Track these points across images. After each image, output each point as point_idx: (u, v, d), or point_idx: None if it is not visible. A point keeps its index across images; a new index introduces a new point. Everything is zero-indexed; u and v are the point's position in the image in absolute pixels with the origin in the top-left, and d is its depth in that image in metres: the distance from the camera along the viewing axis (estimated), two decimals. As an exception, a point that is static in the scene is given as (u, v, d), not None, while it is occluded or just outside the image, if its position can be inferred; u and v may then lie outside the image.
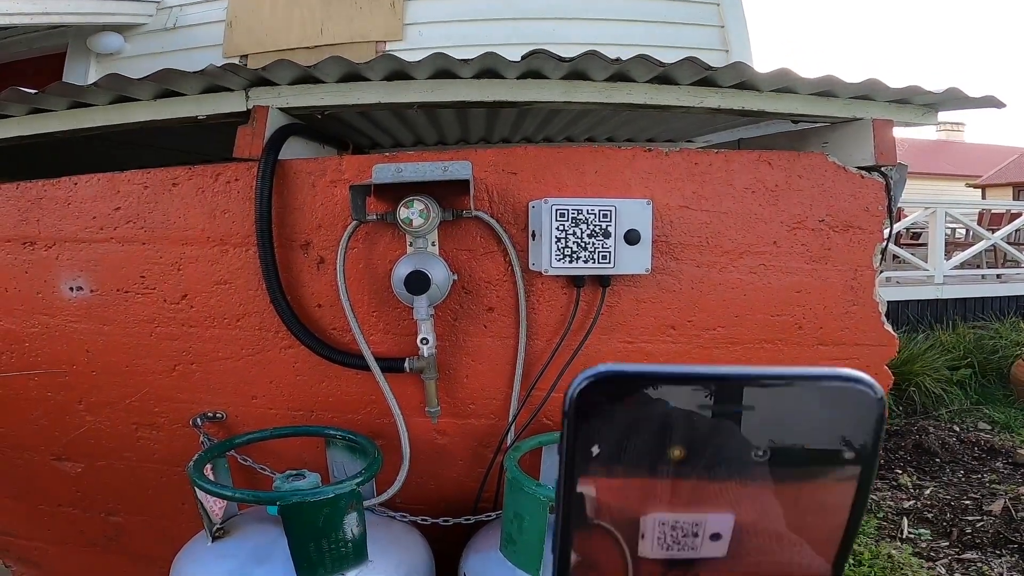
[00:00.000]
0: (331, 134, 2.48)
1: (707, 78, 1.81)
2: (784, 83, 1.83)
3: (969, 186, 21.13)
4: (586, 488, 0.24)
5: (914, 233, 8.95)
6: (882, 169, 1.87)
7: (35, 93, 1.84)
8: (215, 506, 1.58)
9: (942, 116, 2.08)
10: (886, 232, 1.89)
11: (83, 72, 4.49)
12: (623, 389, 0.23)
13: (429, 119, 2.58)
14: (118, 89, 1.82)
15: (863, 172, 1.85)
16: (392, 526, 1.78)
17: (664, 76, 1.81)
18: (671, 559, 0.24)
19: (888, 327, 1.90)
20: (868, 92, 1.85)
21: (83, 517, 2.20)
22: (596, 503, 0.23)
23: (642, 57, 1.70)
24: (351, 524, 1.46)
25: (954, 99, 1.89)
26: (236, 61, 4.29)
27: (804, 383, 0.22)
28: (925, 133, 26.45)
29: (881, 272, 1.94)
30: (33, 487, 2.21)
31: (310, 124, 2.09)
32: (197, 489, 1.50)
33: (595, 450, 0.24)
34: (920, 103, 1.94)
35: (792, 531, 0.23)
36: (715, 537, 0.24)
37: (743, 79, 1.81)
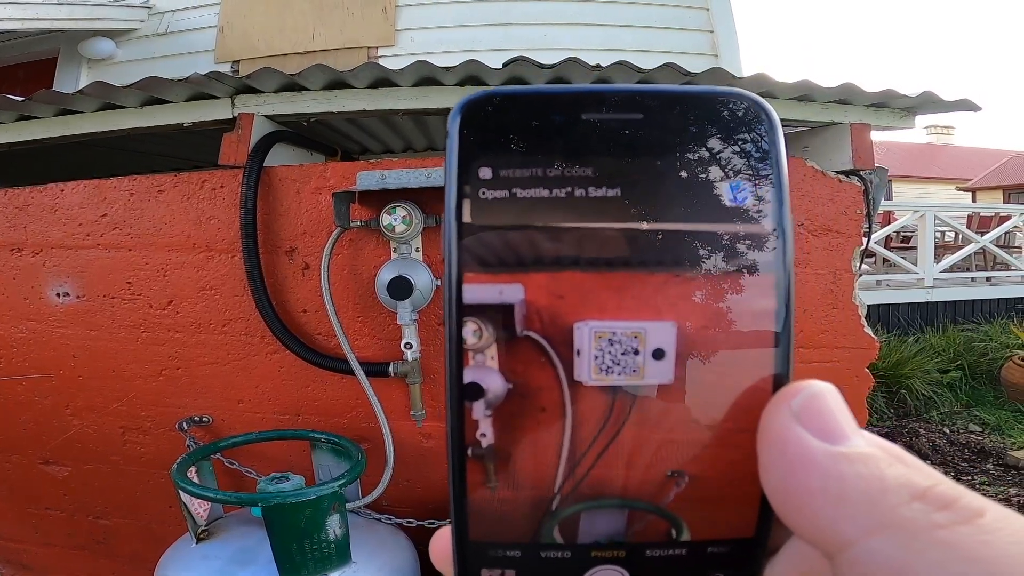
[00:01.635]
0: (320, 140, 2.50)
1: (687, 83, 1.84)
2: (763, 88, 1.86)
3: (959, 189, 21.25)
4: (478, 230, 0.20)
5: (904, 236, 9.01)
6: (860, 173, 1.90)
7: (22, 100, 1.86)
8: (199, 508, 1.59)
9: (930, 120, 2.12)
10: (865, 236, 1.92)
11: (74, 77, 4.50)
12: (512, 109, 0.20)
13: (417, 125, 2.60)
14: (105, 97, 1.84)
15: (841, 176, 1.87)
16: (377, 528, 1.80)
17: (645, 82, 1.84)
18: (612, 387, 0.20)
19: (868, 330, 1.93)
20: (845, 96, 1.88)
21: (71, 520, 2.21)
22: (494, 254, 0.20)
23: (621, 63, 1.73)
24: (334, 525, 1.47)
25: (930, 103, 1.92)
26: (228, 66, 4.31)
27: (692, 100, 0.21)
28: (915, 137, 26.60)
29: (862, 275, 1.97)
30: (21, 490, 2.21)
31: (297, 131, 2.11)
32: (181, 491, 1.51)
33: (484, 172, 0.20)
34: (897, 107, 1.97)
35: (731, 325, 0.21)
36: (658, 355, 0.20)
37: (723, 84, 1.84)
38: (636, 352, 0.20)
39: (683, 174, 0.20)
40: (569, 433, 0.21)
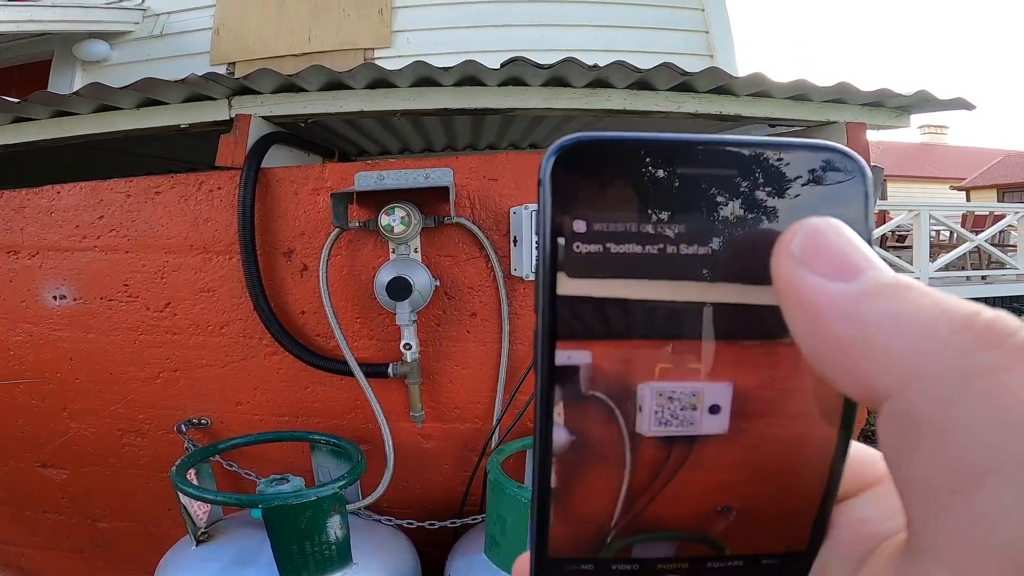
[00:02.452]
0: (317, 142, 2.50)
1: (684, 83, 1.85)
2: (759, 87, 1.87)
3: (953, 188, 21.34)
4: (568, 289, 0.20)
5: (899, 236, 9.03)
6: (857, 172, 1.91)
7: (18, 102, 1.85)
8: (199, 510, 1.59)
9: (924, 119, 2.12)
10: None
11: (69, 80, 4.49)
12: (607, 157, 0.20)
13: (415, 126, 2.60)
14: (101, 98, 1.83)
15: (838, 176, 1.88)
16: (378, 529, 1.79)
17: (642, 82, 1.84)
18: (670, 437, 0.21)
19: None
20: (840, 96, 1.89)
21: (69, 523, 2.20)
22: (582, 323, 0.20)
23: (619, 63, 1.74)
24: (334, 527, 1.47)
25: (925, 102, 1.93)
26: (223, 68, 4.30)
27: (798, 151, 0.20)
28: (909, 136, 26.74)
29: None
30: (19, 494, 2.20)
31: (294, 132, 2.11)
32: (180, 493, 1.51)
33: (579, 226, 0.20)
34: (892, 106, 1.98)
35: (793, 390, 0.20)
36: (714, 410, 0.21)
37: (719, 84, 1.85)
38: (694, 408, 0.21)
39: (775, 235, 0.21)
40: (628, 477, 0.22)
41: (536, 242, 0.20)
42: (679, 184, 0.20)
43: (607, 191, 0.20)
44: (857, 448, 0.23)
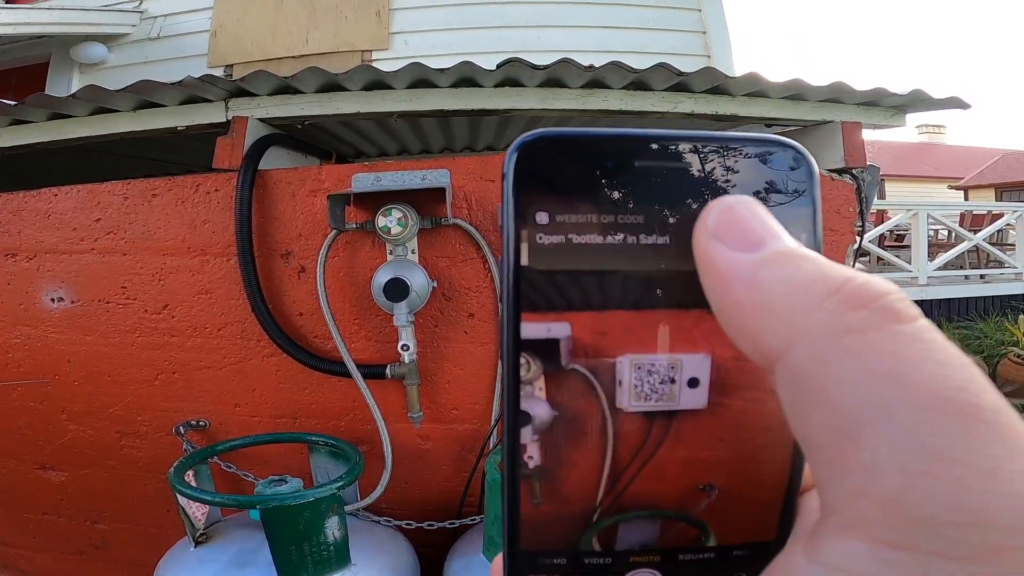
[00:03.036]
0: (314, 144, 2.51)
1: (680, 83, 1.85)
2: (755, 87, 1.87)
3: (951, 188, 21.37)
4: (535, 279, 0.21)
5: (898, 235, 9.04)
6: (853, 171, 1.91)
7: (15, 105, 1.85)
8: (197, 512, 1.59)
9: (921, 119, 2.13)
10: (858, 234, 1.93)
11: (66, 82, 4.49)
12: (566, 151, 0.21)
13: (412, 128, 2.61)
14: (97, 100, 1.83)
15: (833, 175, 1.89)
16: (376, 530, 1.80)
17: (638, 82, 1.85)
18: (650, 412, 0.22)
19: (862, 327, 1.94)
20: (836, 95, 1.89)
21: (68, 525, 2.20)
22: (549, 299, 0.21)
23: (615, 64, 1.74)
24: (332, 528, 1.47)
25: (920, 101, 1.94)
26: (221, 70, 4.31)
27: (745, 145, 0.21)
28: (907, 136, 26.77)
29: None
30: (18, 496, 2.20)
31: (292, 134, 2.11)
32: (178, 495, 1.51)
33: (541, 217, 0.21)
34: (887, 105, 1.98)
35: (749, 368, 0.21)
36: (693, 383, 0.21)
37: (715, 84, 1.85)
38: (672, 381, 0.22)
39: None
40: (611, 453, 0.22)
41: (502, 232, 0.22)
42: (635, 175, 0.21)
43: (567, 183, 0.21)
44: None
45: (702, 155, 0.22)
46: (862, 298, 0.17)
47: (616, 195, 0.21)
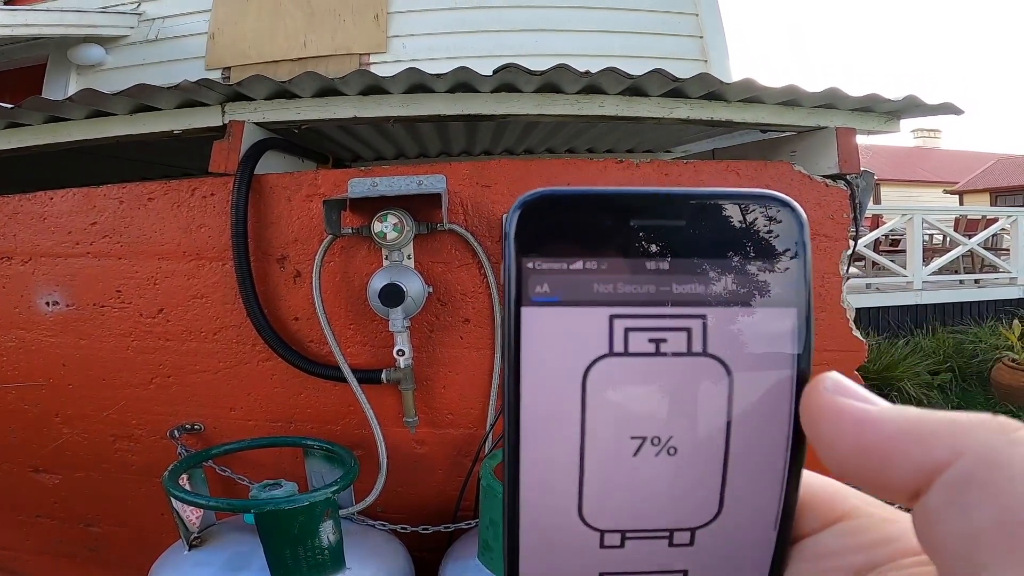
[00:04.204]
0: (311, 147, 2.51)
1: (676, 89, 1.86)
2: (750, 93, 1.88)
3: (946, 192, 21.44)
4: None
5: (893, 240, 9.07)
6: (847, 177, 1.92)
7: (11, 108, 1.85)
8: (192, 515, 1.59)
9: (916, 123, 2.14)
10: (852, 240, 1.94)
11: (63, 84, 4.48)
12: (566, 210, 0.23)
13: (409, 132, 2.61)
14: (94, 104, 1.83)
15: (828, 180, 1.90)
16: (371, 534, 1.79)
17: (634, 88, 1.85)
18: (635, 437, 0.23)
19: (856, 333, 1.95)
20: (830, 101, 1.90)
21: (61, 528, 2.20)
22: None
23: (611, 69, 1.75)
24: (327, 532, 1.47)
25: (914, 107, 1.95)
26: (219, 73, 4.30)
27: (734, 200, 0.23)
28: (903, 140, 26.85)
29: (850, 279, 1.99)
30: (11, 498, 2.20)
31: (288, 138, 2.11)
32: (172, 498, 1.51)
33: (538, 265, 0.22)
34: (881, 111, 1.99)
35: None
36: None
37: (711, 89, 1.86)
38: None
39: (722, 271, 0.23)
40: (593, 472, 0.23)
41: (503, 285, 0.23)
42: (627, 232, 0.22)
43: (565, 239, 0.22)
44: (820, 482, 0.24)
45: (696, 210, 0.23)
46: (1012, 424, 0.19)
47: (613, 252, 0.22)
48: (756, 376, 0.23)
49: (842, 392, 0.21)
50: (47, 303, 1.95)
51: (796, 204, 0.23)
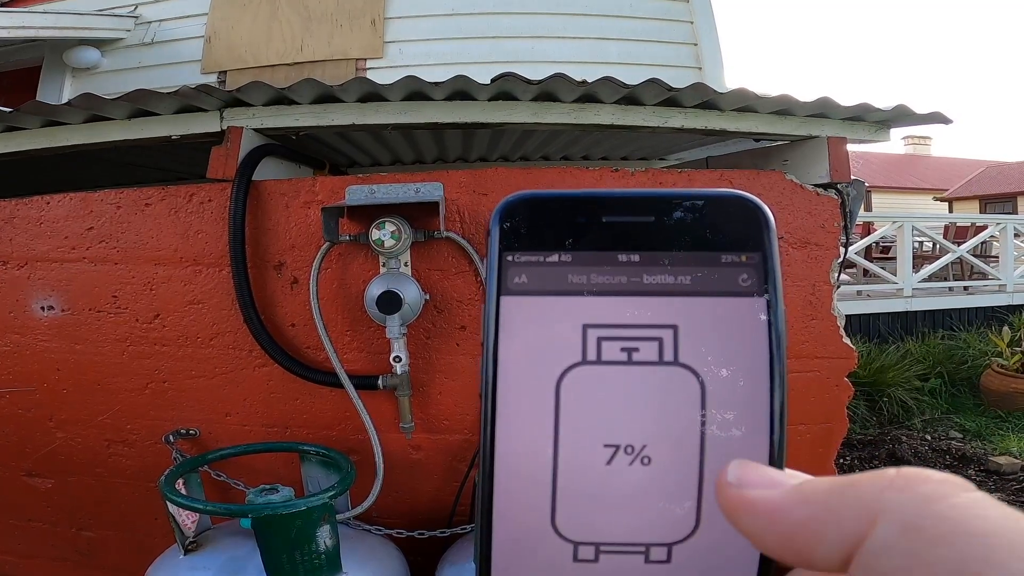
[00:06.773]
0: (308, 154, 2.52)
1: (671, 98, 1.88)
2: (744, 103, 1.90)
3: (936, 199, 21.62)
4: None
5: (883, 247, 9.15)
6: (838, 186, 1.95)
7: (9, 112, 1.85)
8: (187, 520, 1.59)
9: (907, 131, 2.17)
10: (843, 248, 1.96)
11: (59, 86, 4.46)
12: (545, 210, 0.24)
13: (406, 139, 2.62)
14: (92, 108, 1.84)
15: (819, 189, 1.92)
16: (367, 539, 1.80)
17: (630, 97, 1.87)
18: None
19: (847, 340, 1.97)
20: (822, 110, 1.93)
21: (54, 532, 2.19)
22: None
23: (607, 79, 1.77)
24: (324, 536, 1.48)
25: (904, 116, 1.98)
26: (215, 77, 4.30)
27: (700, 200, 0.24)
28: (893, 147, 27.11)
29: (841, 286, 2.01)
30: (4, 502, 2.19)
31: (286, 144, 2.12)
32: (168, 503, 1.51)
33: (519, 259, 0.24)
34: (872, 120, 2.02)
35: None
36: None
37: (705, 99, 1.88)
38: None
39: (687, 262, 0.24)
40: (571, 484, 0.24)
41: (485, 276, 0.25)
42: (599, 228, 0.24)
43: (543, 235, 0.25)
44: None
45: (663, 208, 0.24)
46: (919, 478, 0.19)
47: (586, 244, 0.24)
48: (725, 372, 0.23)
49: (746, 483, 0.22)
50: (42, 308, 1.95)
51: (760, 201, 0.25)
